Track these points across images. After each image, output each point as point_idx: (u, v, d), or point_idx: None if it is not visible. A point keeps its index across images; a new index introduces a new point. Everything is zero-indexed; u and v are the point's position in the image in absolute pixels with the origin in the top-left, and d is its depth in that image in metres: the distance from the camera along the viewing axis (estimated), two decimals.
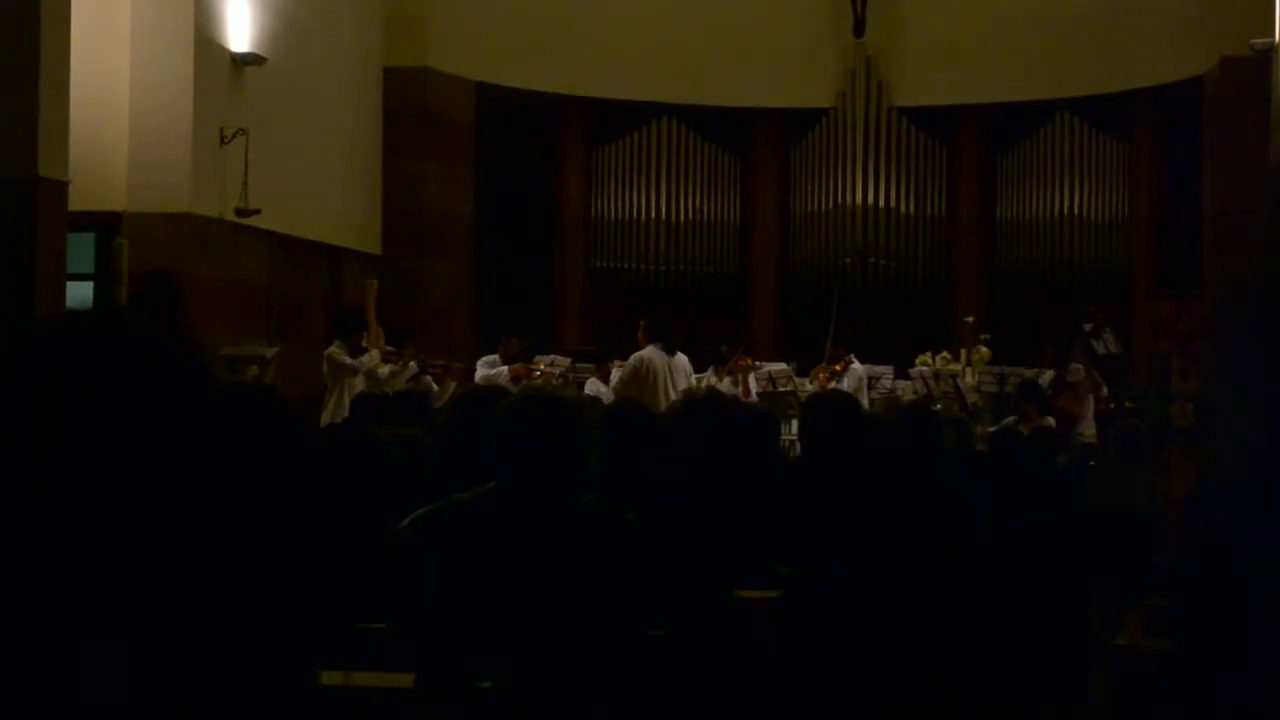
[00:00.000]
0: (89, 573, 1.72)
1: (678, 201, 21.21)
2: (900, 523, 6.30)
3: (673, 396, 13.68)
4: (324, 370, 14.27)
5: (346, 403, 12.76)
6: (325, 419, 13.23)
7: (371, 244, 18.23)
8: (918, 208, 21.05)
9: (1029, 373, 15.38)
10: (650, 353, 14.75)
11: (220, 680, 1.98)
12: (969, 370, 16.79)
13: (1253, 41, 16.44)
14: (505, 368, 14.97)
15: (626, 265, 21.10)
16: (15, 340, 1.79)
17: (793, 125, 21.20)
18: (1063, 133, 20.62)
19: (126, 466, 1.72)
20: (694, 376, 15.07)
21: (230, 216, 14.84)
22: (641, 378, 14.49)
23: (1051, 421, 13.60)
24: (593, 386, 14.98)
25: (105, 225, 14.01)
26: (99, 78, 13.52)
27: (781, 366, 16.19)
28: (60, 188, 11.68)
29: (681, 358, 14.97)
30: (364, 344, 14.35)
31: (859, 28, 20.58)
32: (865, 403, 15.15)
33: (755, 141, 21.36)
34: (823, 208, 21.13)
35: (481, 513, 4.35)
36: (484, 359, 15.45)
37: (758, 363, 16.19)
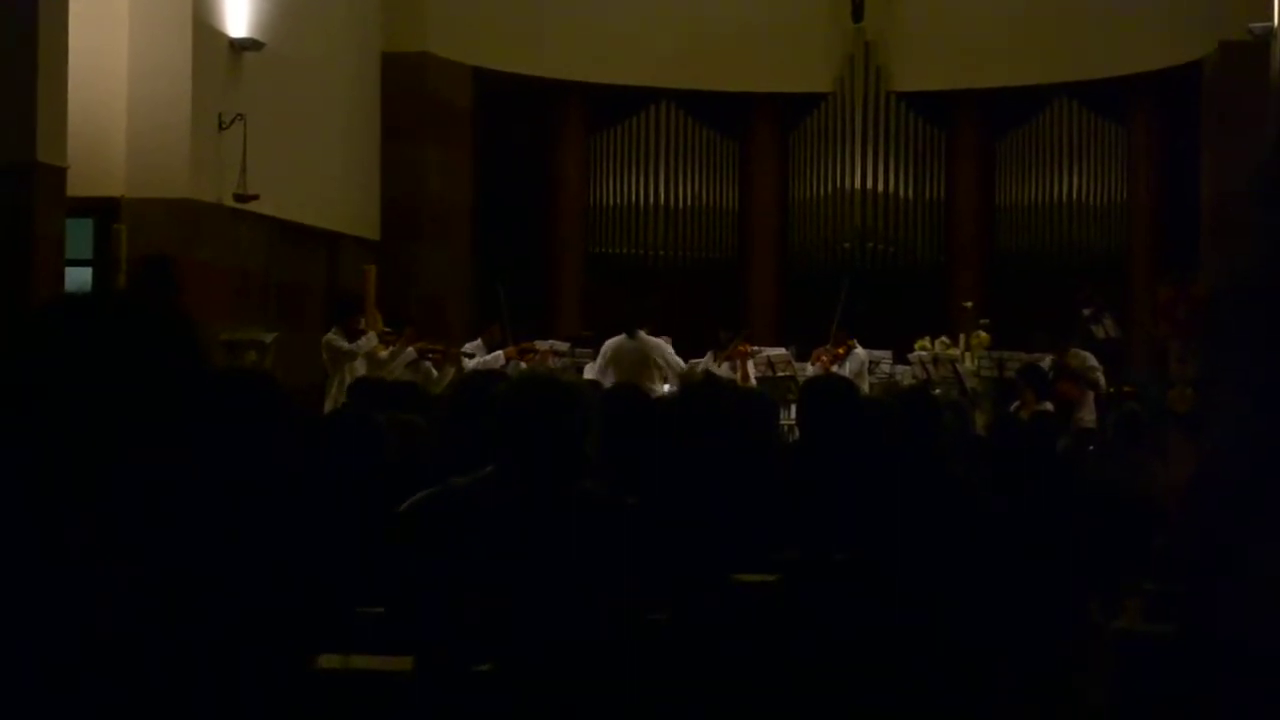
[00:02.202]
0: (88, 550, 1.72)
1: (676, 187, 21.20)
2: (898, 507, 6.30)
3: (646, 380, 14.03)
4: (324, 358, 14.25)
5: None
6: (329, 406, 13.21)
7: (369, 229, 18.21)
8: (916, 193, 21.04)
9: (1030, 357, 15.34)
10: (614, 340, 15.02)
11: (219, 663, 1.98)
12: (968, 355, 16.77)
13: (1251, 26, 16.43)
14: (500, 352, 14.98)
15: (625, 251, 21.09)
16: (15, 322, 1.79)
17: (791, 110, 21.19)
18: (1061, 117, 20.61)
19: (124, 445, 1.72)
20: (668, 356, 15.12)
21: (228, 202, 14.83)
22: (608, 364, 14.76)
23: (1050, 406, 13.59)
24: (592, 372, 15.01)
25: (104, 211, 14.00)
26: (97, 63, 13.50)
27: (780, 351, 16.19)
28: (58, 173, 11.67)
29: (649, 340, 15.07)
30: (361, 327, 14.33)
31: (857, 12, 20.56)
32: (865, 387, 15.15)
33: (754, 126, 21.34)
34: (821, 193, 21.12)
35: (480, 497, 4.34)
36: (468, 345, 15.43)
37: (757, 348, 16.19)
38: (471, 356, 15.00)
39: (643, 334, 15.09)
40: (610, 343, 15.14)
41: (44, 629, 1.72)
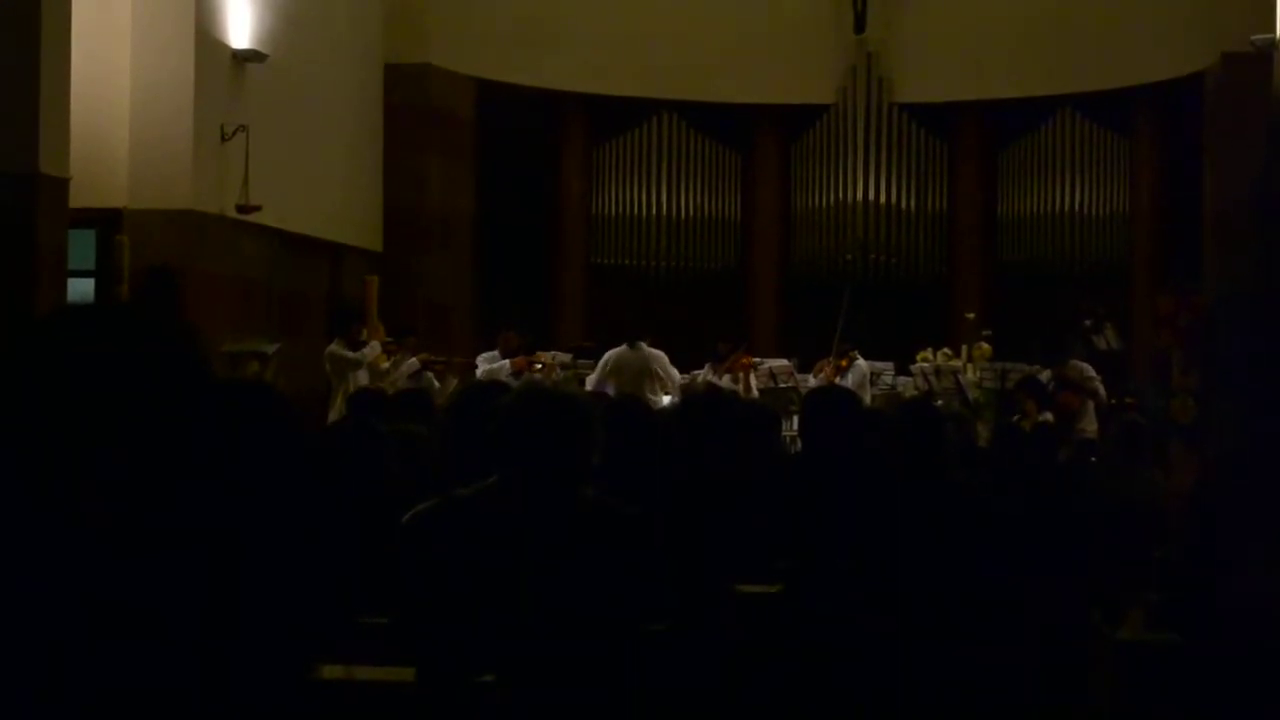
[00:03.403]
0: (89, 569, 1.73)
1: (678, 198, 21.22)
2: (900, 518, 6.30)
3: (646, 390, 14.14)
4: (327, 369, 14.27)
5: None
6: (333, 417, 13.22)
7: (372, 240, 18.23)
8: (919, 204, 21.05)
9: (1032, 369, 15.35)
10: (615, 351, 15.10)
11: (221, 673, 1.98)
12: (970, 366, 16.78)
13: (1254, 38, 16.44)
14: (506, 362, 15.01)
15: (627, 262, 21.10)
16: (17, 333, 1.79)
17: (793, 121, 21.20)
18: (1064, 128, 20.62)
19: (126, 457, 1.72)
20: (667, 369, 15.19)
21: (231, 213, 14.84)
22: (608, 374, 14.83)
23: (1050, 417, 13.60)
24: (592, 383, 15.04)
25: (106, 222, 14.01)
26: (100, 75, 13.52)
27: (783, 363, 16.19)
28: (61, 184, 11.68)
29: (649, 351, 15.13)
30: (363, 337, 14.35)
31: (860, 24, 20.58)
32: (867, 399, 15.17)
33: (756, 138, 21.36)
34: (823, 204, 21.13)
35: (483, 508, 4.35)
36: (484, 355, 15.48)
37: (759, 360, 16.20)
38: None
39: (643, 345, 15.12)
40: (611, 353, 15.18)
41: (43, 640, 1.72)
